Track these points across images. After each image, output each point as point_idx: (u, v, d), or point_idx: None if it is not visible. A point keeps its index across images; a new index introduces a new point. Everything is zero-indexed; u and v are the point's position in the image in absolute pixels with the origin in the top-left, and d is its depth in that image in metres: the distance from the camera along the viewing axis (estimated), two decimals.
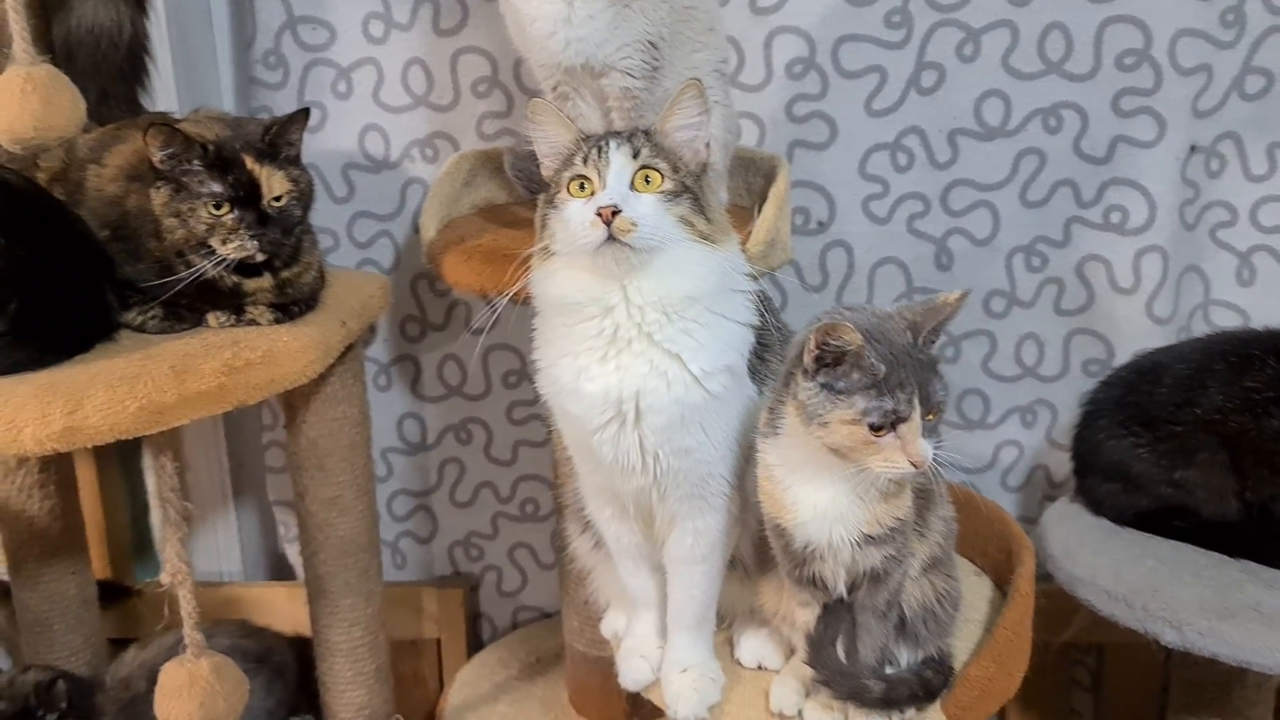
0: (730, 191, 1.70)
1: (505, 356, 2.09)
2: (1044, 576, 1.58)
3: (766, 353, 1.25)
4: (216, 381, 1.42)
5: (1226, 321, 1.96)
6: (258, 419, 2.19)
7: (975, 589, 1.45)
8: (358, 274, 1.91)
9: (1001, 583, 1.47)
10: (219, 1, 2.04)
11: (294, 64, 1.96)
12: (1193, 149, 1.89)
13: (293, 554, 2.20)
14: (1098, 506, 1.72)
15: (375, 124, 1.99)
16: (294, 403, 1.72)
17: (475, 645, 2.17)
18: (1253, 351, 1.59)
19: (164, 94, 1.87)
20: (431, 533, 2.22)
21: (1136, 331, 1.93)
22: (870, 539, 1.13)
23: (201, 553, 2.16)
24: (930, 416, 1.08)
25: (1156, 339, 1.87)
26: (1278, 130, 1.88)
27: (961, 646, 1.33)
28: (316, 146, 1.95)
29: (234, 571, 2.23)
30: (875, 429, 1.07)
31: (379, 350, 2.12)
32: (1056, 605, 1.75)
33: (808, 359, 1.10)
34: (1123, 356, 1.85)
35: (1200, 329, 1.96)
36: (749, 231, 1.47)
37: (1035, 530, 1.72)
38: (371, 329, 2.08)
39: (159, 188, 1.46)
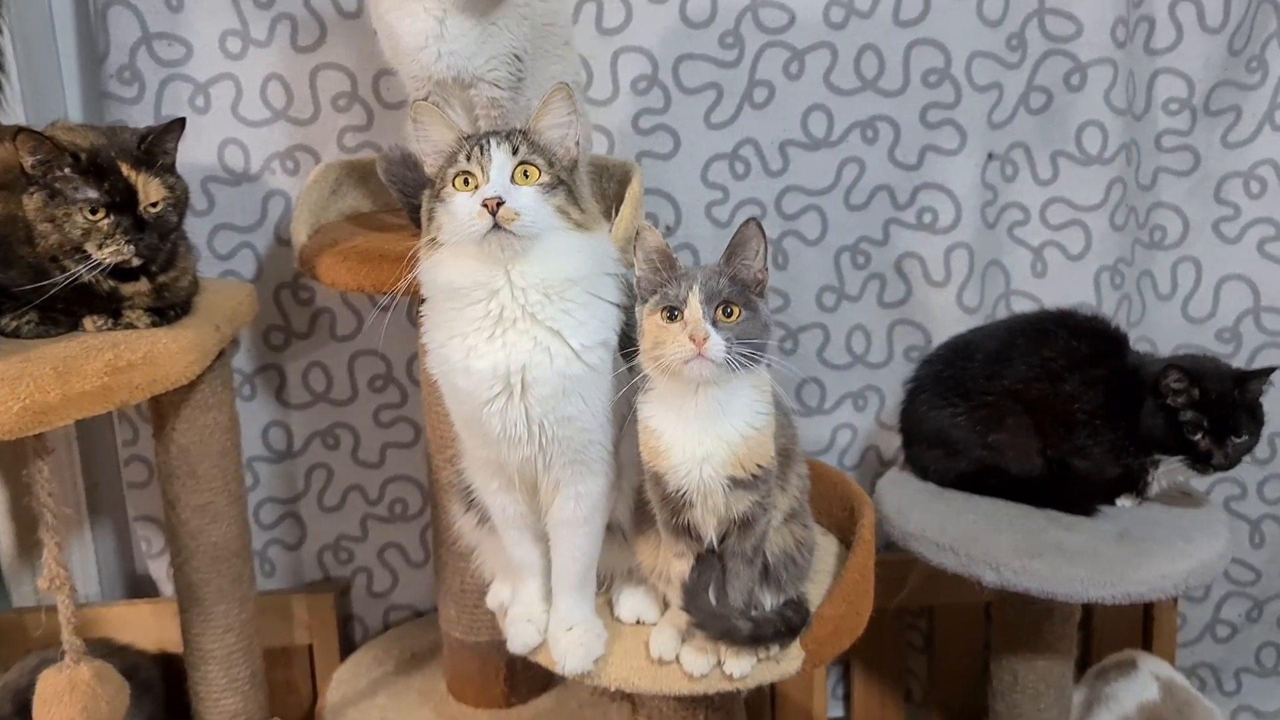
0: None
1: (371, 361, 2.13)
2: (882, 546, 1.70)
3: (633, 331, 1.34)
4: (100, 381, 1.44)
5: (1025, 309, 2.12)
6: (113, 436, 2.16)
7: (823, 546, 1.58)
8: (225, 282, 1.93)
9: (846, 540, 1.62)
10: (64, 17, 2.02)
11: (150, 79, 1.97)
12: (990, 156, 2.07)
13: (155, 570, 2.17)
14: (924, 472, 1.90)
15: (234, 138, 2.01)
16: (164, 410, 1.72)
17: (347, 648, 2.17)
18: (1048, 327, 1.81)
19: (10, 108, 1.84)
20: (300, 539, 2.22)
21: (949, 320, 2.09)
22: (737, 482, 1.24)
23: None
24: (729, 318, 1.23)
25: (966, 327, 2.01)
26: (1058, 140, 2.08)
27: (815, 593, 1.46)
28: None
29: (91, 593, 2.17)
30: (668, 317, 1.23)
31: (242, 360, 2.11)
32: (891, 574, 1.92)
33: (636, 269, 1.28)
34: (938, 343, 2.00)
35: (1003, 316, 2.12)
36: (609, 230, 1.59)
37: (871, 499, 1.87)
38: (235, 340, 2.09)
39: (31, 194, 1.47)
